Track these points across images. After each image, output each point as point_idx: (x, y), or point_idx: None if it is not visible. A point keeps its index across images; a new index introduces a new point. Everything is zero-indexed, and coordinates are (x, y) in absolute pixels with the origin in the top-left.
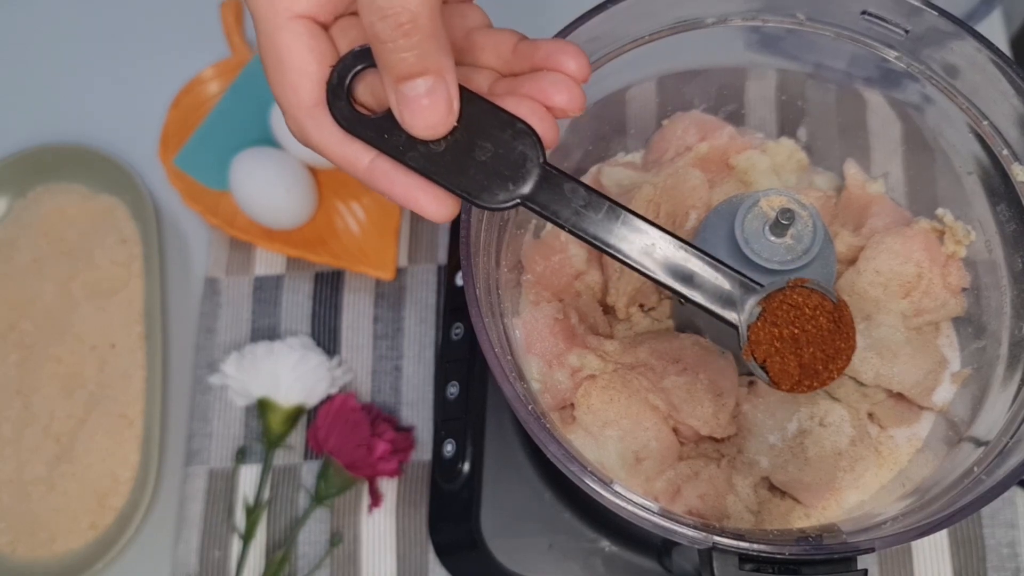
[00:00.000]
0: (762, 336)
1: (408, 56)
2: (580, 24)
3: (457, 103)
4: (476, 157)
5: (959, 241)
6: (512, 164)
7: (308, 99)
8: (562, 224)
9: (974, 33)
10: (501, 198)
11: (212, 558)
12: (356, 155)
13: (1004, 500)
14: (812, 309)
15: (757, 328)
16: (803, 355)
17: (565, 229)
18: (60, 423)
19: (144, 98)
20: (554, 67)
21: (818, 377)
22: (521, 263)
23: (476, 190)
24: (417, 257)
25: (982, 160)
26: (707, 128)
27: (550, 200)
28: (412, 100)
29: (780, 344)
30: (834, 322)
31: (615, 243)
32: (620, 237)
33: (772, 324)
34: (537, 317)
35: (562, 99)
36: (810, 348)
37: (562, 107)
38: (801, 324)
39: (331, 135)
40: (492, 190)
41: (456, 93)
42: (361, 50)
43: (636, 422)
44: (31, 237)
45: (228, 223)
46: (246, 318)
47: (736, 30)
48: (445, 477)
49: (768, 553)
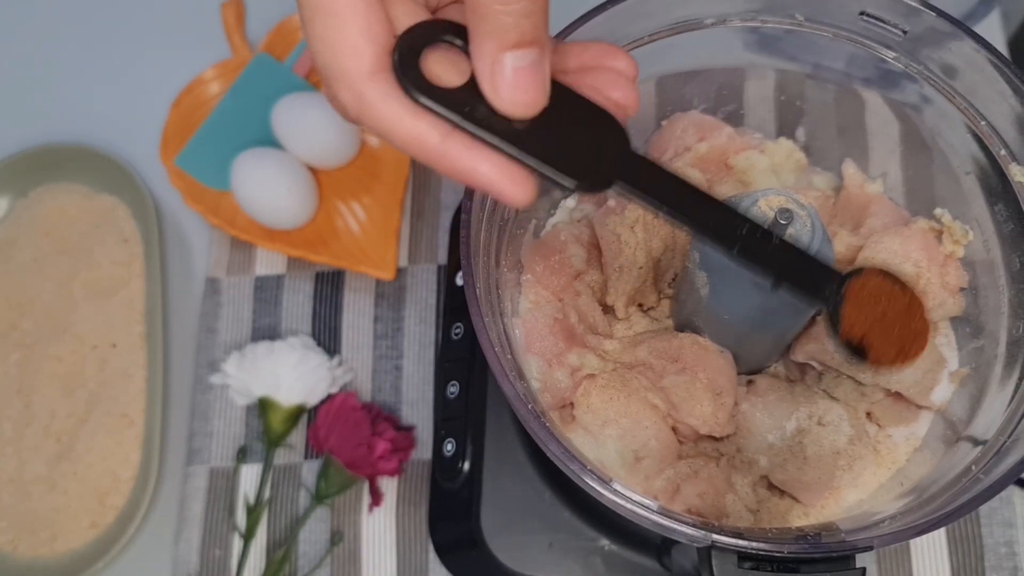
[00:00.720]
0: (853, 317)
1: (524, 23)
2: (580, 24)
3: (550, 80)
4: (561, 139)
5: (957, 241)
6: (596, 147)
7: (369, 65)
8: (656, 207)
9: (972, 34)
10: (593, 180)
11: (213, 557)
12: (428, 130)
13: (1002, 499)
14: (889, 290)
15: (846, 310)
16: (892, 333)
17: (659, 213)
18: (61, 422)
19: (145, 98)
20: (606, 66)
21: (908, 353)
22: (521, 263)
23: (567, 169)
24: (417, 257)
25: (980, 160)
26: (706, 128)
27: (640, 183)
28: (516, 72)
29: (873, 323)
30: (909, 301)
31: (707, 229)
32: (711, 222)
33: (858, 306)
34: (537, 317)
35: (620, 95)
36: (896, 326)
37: (621, 103)
38: (885, 304)
39: (399, 107)
40: (582, 171)
41: (549, 69)
42: (430, 22)
43: (635, 421)
44: (32, 237)
45: (229, 223)
46: (247, 318)
47: (735, 31)
48: (445, 476)
49: (767, 551)
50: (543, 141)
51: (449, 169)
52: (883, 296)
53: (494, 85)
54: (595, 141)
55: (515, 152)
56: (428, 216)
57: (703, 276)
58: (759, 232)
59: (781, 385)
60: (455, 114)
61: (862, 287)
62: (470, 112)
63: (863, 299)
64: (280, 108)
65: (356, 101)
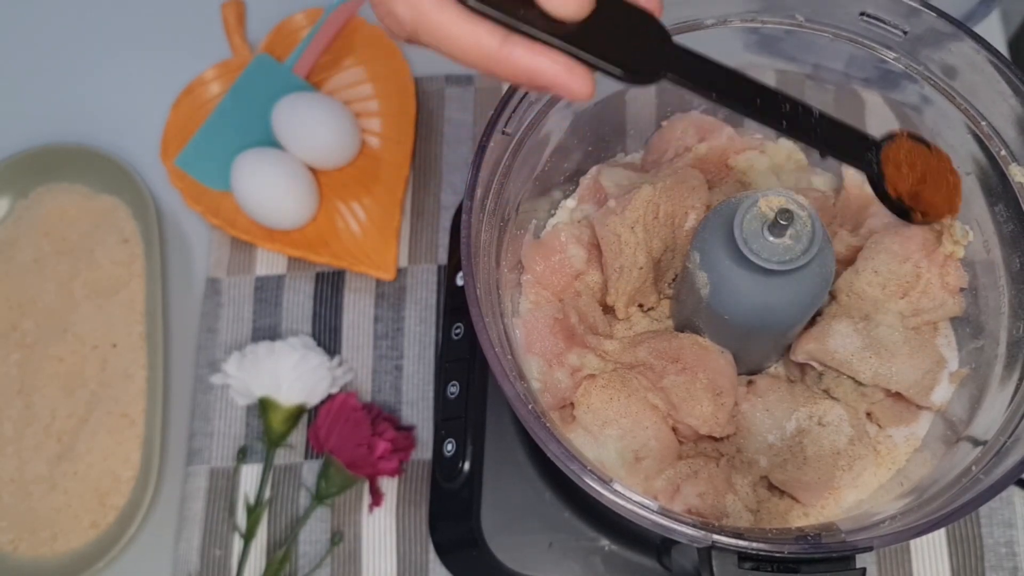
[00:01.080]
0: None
1: None
2: None
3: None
4: (612, 37)
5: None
6: (643, 43)
7: None
8: (706, 93)
9: (972, 34)
10: (647, 71)
11: (213, 557)
12: (487, 35)
13: (1002, 499)
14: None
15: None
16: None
17: (710, 98)
18: (61, 422)
19: (145, 99)
20: None
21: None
22: (521, 263)
23: (623, 63)
24: (417, 257)
25: (980, 160)
26: (706, 129)
27: (691, 71)
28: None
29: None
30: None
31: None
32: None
33: (897, 168)
34: (537, 317)
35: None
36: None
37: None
38: (921, 163)
39: (457, 14)
40: (637, 65)
41: None
42: None
43: (635, 421)
44: (33, 237)
45: (229, 223)
46: (247, 318)
47: (735, 31)
48: (445, 476)
49: (767, 552)
50: (596, 38)
51: (512, 71)
52: (917, 157)
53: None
54: (641, 38)
55: (574, 50)
56: (428, 216)
57: (703, 276)
58: (800, 108)
59: (781, 385)
60: (511, 17)
61: (897, 151)
62: (526, 17)
63: (900, 161)
64: (280, 108)
65: (412, 11)
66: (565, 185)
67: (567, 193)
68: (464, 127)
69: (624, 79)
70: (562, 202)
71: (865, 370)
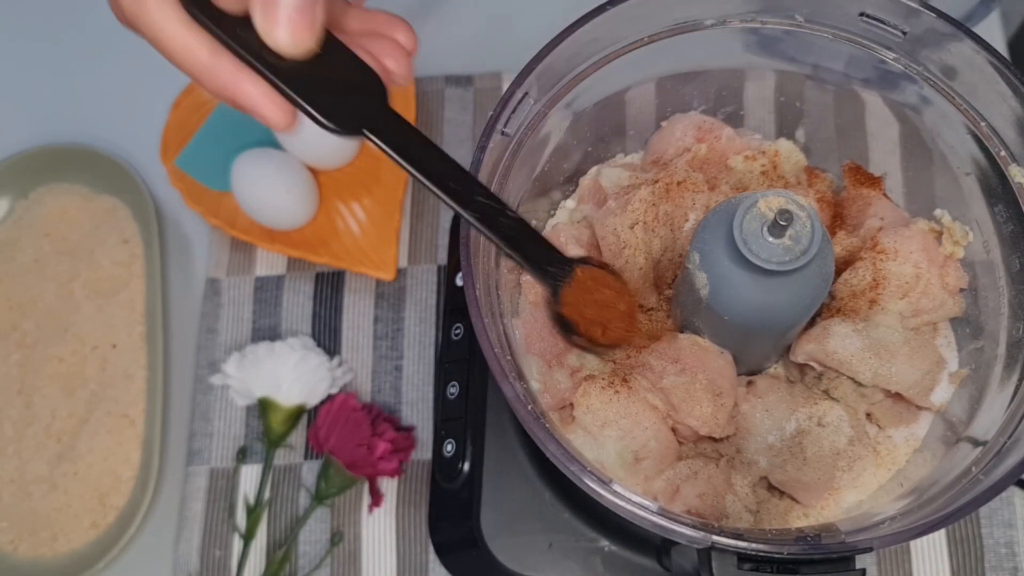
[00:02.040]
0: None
1: None
2: (580, 25)
3: (321, 28)
4: (324, 83)
5: (957, 242)
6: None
7: None
8: (401, 162)
9: (972, 35)
10: (346, 124)
11: (213, 557)
12: (198, 44)
13: (1002, 500)
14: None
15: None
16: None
17: (404, 167)
18: (61, 422)
19: (145, 99)
20: (388, 35)
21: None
22: None
23: (325, 109)
24: (417, 257)
25: (980, 161)
26: (706, 129)
27: (392, 137)
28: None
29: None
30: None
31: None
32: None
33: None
34: (537, 317)
35: (392, 64)
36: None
37: (391, 71)
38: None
39: (175, 15)
40: (338, 115)
41: (323, 18)
42: None
43: (635, 422)
44: (33, 237)
45: (229, 224)
46: (247, 318)
47: (735, 32)
48: (445, 477)
49: (767, 552)
50: (308, 80)
51: (214, 85)
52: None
53: (267, 22)
54: (357, 92)
55: (279, 83)
56: (428, 217)
57: (703, 277)
58: (495, 202)
59: (781, 386)
60: (227, 36)
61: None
62: (243, 39)
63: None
64: None
65: (134, 4)
66: (565, 185)
67: (567, 193)
68: (464, 127)
69: (322, 126)
70: (562, 202)
71: (865, 371)
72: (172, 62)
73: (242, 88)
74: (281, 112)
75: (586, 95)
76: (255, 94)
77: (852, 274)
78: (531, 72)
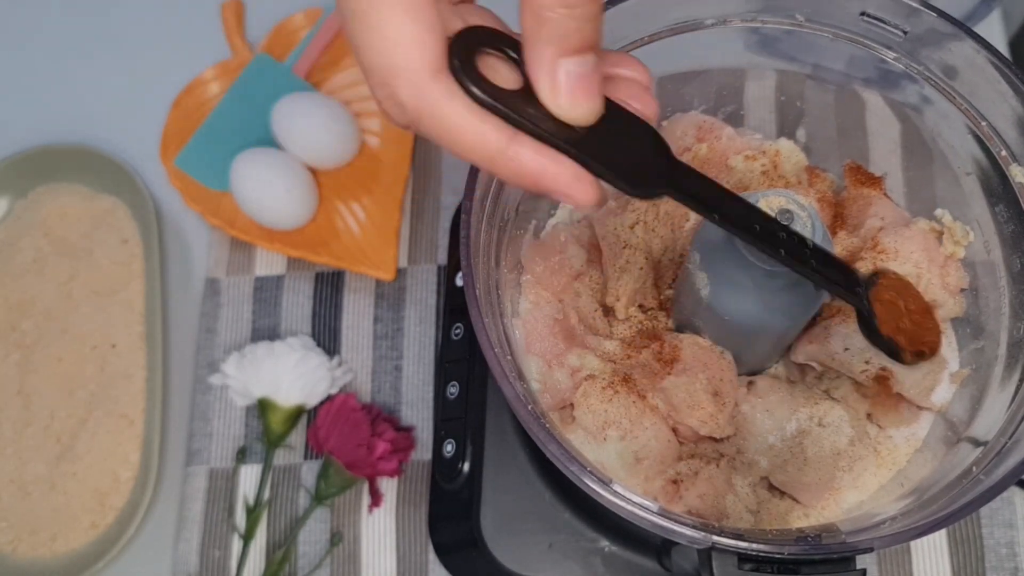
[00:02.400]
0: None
1: (586, 27)
2: None
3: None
4: (615, 145)
5: (958, 242)
6: (645, 155)
7: (432, 61)
8: (707, 214)
9: (973, 34)
10: (650, 185)
11: (212, 557)
12: (493, 132)
13: (1003, 500)
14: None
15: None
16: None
17: (714, 220)
18: (61, 423)
19: (145, 98)
20: (623, 76)
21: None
22: (521, 263)
23: (628, 174)
24: (417, 257)
25: (981, 161)
26: (706, 129)
27: (693, 190)
28: (576, 78)
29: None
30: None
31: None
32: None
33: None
34: (537, 317)
35: (640, 105)
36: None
37: (642, 112)
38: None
39: (464, 107)
40: (641, 176)
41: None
42: (480, 27)
43: (635, 422)
44: (32, 237)
45: (229, 223)
46: (247, 318)
47: (735, 31)
48: (445, 477)
49: (767, 553)
50: (602, 147)
51: (515, 172)
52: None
53: (554, 91)
54: (643, 149)
55: (582, 156)
56: (428, 216)
57: (703, 277)
58: (796, 238)
59: (781, 386)
60: (519, 117)
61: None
62: (532, 115)
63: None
64: (280, 108)
65: (417, 99)
66: None
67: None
68: None
69: (629, 192)
70: (562, 202)
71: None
72: (466, 157)
73: (546, 170)
74: (589, 188)
75: None
76: (563, 176)
77: None
78: None
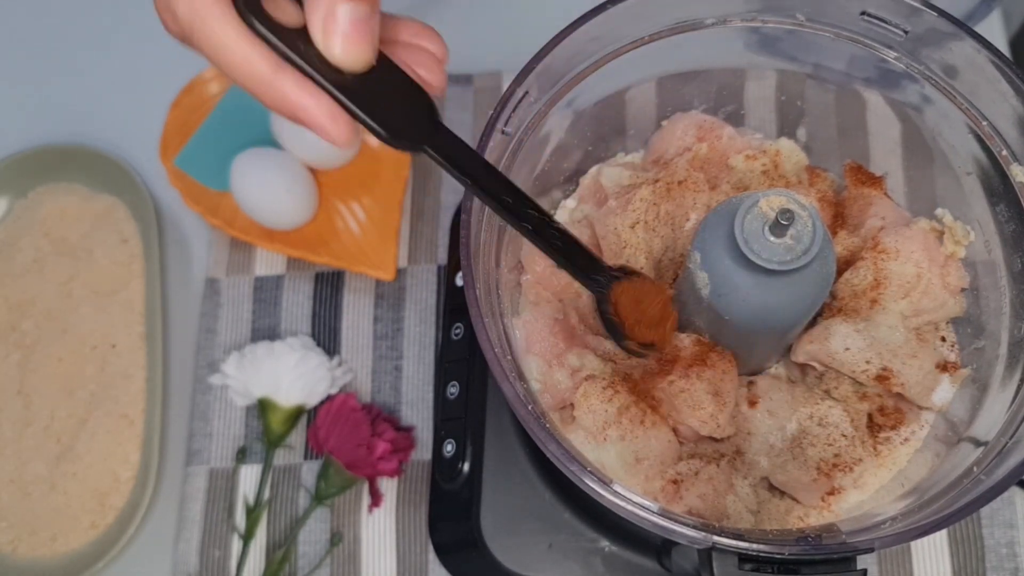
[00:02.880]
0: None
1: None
2: (580, 25)
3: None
4: (382, 98)
5: (958, 241)
6: (412, 112)
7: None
8: (459, 178)
9: (973, 34)
10: (408, 139)
11: (212, 557)
12: (260, 59)
13: (1003, 500)
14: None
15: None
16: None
17: (466, 184)
18: (61, 423)
19: (145, 98)
20: (420, 45)
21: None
22: (521, 263)
23: (387, 124)
24: (417, 257)
25: (981, 160)
26: (706, 128)
27: (450, 152)
28: (349, 25)
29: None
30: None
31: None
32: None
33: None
34: (537, 317)
35: (427, 74)
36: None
37: (427, 81)
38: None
39: (235, 30)
40: (400, 130)
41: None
42: None
43: (636, 422)
44: (32, 237)
45: (228, 223)
46: (246, 318)
47: (736, 31)
48: (445, 477)
49: (767, 553)
50: (368, 94)
51: (275, 100)
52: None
53: (326, 35)
54: (411, 106)
55: (344, 99)
56: (428, 216)
57: (704, 276)
58: (545, 216)
59: (782, 386)
60: (290, 51)
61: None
62: (302, 52)
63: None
64: None
65: (191, 14)
66: (565, 185)
67: (567, 193)
68: (464, 127)
69: (385, 141)
70: (562, 202)
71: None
72: (231, 76)
73: (304, 103)
74: (344, 128)
75: (586, 94)
76: (318, 110)
77: (853, 274)
78: (531, 71)
